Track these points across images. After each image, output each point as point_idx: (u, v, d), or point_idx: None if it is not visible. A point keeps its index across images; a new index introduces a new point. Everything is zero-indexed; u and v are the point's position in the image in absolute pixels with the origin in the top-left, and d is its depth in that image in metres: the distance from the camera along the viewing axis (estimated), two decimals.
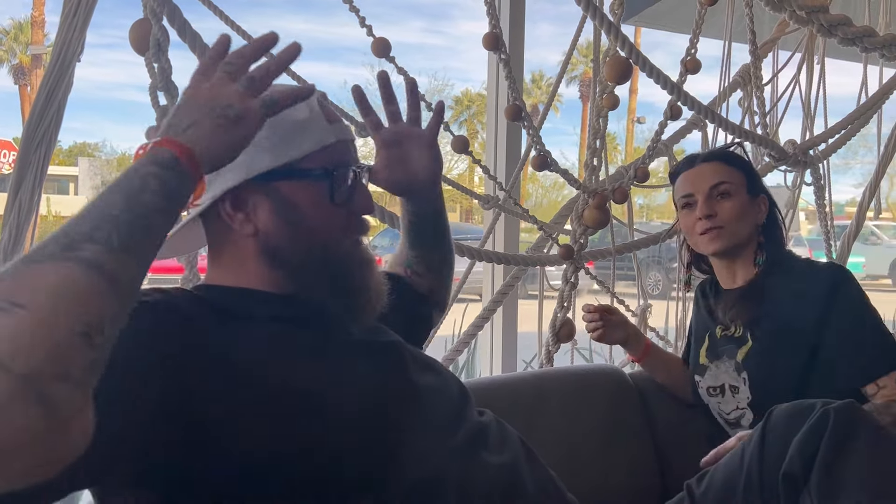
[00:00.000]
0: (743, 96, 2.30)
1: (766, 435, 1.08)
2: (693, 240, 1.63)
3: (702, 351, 1.66)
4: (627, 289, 2.37)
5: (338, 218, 1.00)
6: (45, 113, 1.37)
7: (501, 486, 0.93)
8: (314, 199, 0.98)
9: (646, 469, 1.68)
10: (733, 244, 1.58)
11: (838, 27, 2.04)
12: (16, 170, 1.36)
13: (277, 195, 0.98)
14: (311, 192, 0.98)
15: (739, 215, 1.57)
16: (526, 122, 1.74)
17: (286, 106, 0.87)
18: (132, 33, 1.37)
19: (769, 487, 1.04)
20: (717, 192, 1.58)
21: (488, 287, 2.23)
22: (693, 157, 1.66)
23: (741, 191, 1.59)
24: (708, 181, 1.59)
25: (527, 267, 2.02)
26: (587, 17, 2.01)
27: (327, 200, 0.98)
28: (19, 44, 25.35)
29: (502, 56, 1.70)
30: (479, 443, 0.98)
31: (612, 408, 1.72)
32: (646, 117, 25.63)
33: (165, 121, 0.81)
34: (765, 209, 1.63)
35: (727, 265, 1.63)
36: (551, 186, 22.67)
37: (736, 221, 1.57)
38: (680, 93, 1.82)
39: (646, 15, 3.48)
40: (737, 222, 1.57)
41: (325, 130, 0.99)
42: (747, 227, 1.59)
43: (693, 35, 1.88)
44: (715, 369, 1.61)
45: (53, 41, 1.44)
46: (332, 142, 0.99)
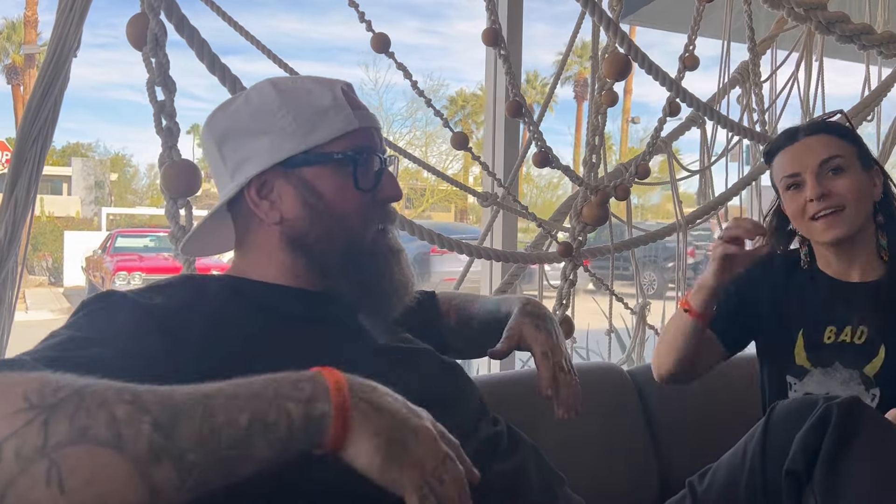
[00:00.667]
0: (742, 93, 2.30)
1: (769, 431, 1.07)
2: (803, 226, 1.41)
3: (798, 351, 1.43)
4: (623, 288, 2.36)
5: (363, 205, 0.99)
6: (42, 109, 1.36)
7: (507, 492, 0.93)
8: (338, 185, 0.98)
9: (645, 466, 1.68)
10: (855, 228, 1.36)
11: (836, 24, 2.04)
12: (12, 166, 1.35)
13: (301, 181, 0.98)
14: (335, 178, 0.98)
15: (858, 193, 1.35)
16: (526, 119, 1.73)
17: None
18: (129, 28, 1.36)
19: (772, 484, 1.04)
20: (829, 167, 1.36)
21: (486, 285, 2.22)
22: (794, 131, 1.44)
23: (855, 164, 1.37)
24: (817, 156, 1.37)
25: (525, 264, 2.01)
26: (585, 16, 2.02)
27: (351, 186, 0.97)
28: (12, 43, 25.24)
29: (501, 52, 1.70)
30: (489, 451, 0.97)
31: (610, 405, 1.72)
32: (640, 118, 25.71)
33: (363, 383, 0.72)
34: (879, 183, 1.41)
35: (844, 252, 1.40)
36: (546, 187, 22.72)
37: (856, 201, 1.35)
38: (678, 89, 1.82)
39: (642, 14, 3.49)
40: (857, 202, 1.35)
41: (349, 116, 0.99)
42: (867, 206, 1.38)
43: (691, 32, 1.87)
44: (821, 377, 1.39)
45: (47, 41, 1.42)
46: (355, 127, 0.99)
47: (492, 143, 2.17)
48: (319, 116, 0.98)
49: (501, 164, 2.13)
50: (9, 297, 1.37)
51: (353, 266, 0.98)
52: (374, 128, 1.02)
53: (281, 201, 0.98)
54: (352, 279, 0.98)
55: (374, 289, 0.99)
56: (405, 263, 1.03)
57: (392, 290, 1.00)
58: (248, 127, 0.99)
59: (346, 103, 1.00)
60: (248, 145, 0.99)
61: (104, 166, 27.11)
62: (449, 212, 25.71)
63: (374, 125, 1.03)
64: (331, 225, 0.98)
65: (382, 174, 1.00)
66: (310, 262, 0.98)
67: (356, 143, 0.99)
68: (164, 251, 13.16)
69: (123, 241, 13.75)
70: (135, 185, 29.12)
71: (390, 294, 1.00)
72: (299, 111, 0.98)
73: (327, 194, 0.98)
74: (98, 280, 12.83)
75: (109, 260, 12.47)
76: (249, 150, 0.99)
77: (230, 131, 1.01)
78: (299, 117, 0.98)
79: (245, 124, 1.00)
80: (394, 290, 1.00)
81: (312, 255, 0.98)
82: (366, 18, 1.63)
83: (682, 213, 2.14)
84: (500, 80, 2.09)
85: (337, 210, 0.98)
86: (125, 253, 12.88)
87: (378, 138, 1.02)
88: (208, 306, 0.90)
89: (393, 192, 1.01)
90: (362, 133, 0.99)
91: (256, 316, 0.93)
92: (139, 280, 11.62)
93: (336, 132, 0.98)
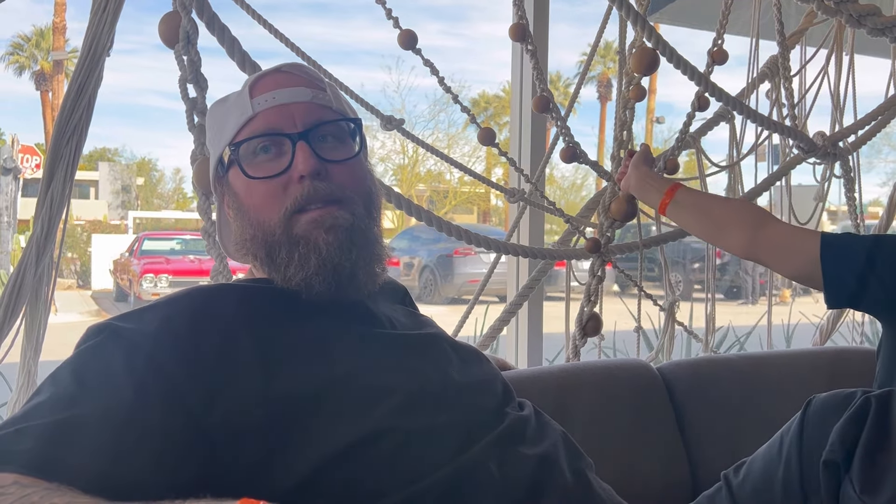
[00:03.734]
0: (771, 88, 2.28)
1: (806, 423, 1.07)
2: None
3: None
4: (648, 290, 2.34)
5: (269, 192, 0.94)
6: (76, 107, 1.38)
7: (538, 476, 0.92)
8: (242, 180, 0.97)
9: (676, 461, 1.66)
10: None
11: (867, 17, 2.02)
12: (47, 164, 1.37)
13: (228, 185, 1.00)
14: (240, 174, 0.96)
15: None
16: (554, 114, 1.73)
17: None
18: (161, 26, 1.37)
19: (809, 476, 1.03)
20: None
21: (512, 283, 2.22)
22: None
23: None
24: None
25: (552, 262, 2.00)
26: (610, 14, 2.01)
27: (246, 178, 0.95)
28: (41, 50, 25.64)
29: (529, 47, 1.70)
30: (517, 437, 0.96)
31: (639, 402, 1.71)
32: (664, 117, 25.53)
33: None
34: None
35: None
36: (569, 188, 22.60)
37: None
38: (707, 84, 1.80)
39: (668, 11, 3.46)
40: None
41: (244, 106, 0.97)
42: None
43: (719, 26, 1.86)
44: None
45: (75, 47, 1.45)
46: (249, 115, 0.96)
47: (518, 140, 2.16)
48: (225, 117, 0.99)
49: (528, 160, 2.13)
50: (44, 293, 1.39)
51: (273, 258, 0.94)
52: (278, 106, 0.96)
53: (230, 208, 1.01)
54: (281, 271, 0.93)
55: (305, 274, 0.92)
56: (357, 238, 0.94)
57: (334, 268, 0.92)
58: (208, 146, 1.06)
59: (247, 93, 0.97)
60: (211, 163, 1.05)
61: (130, 171, 27.45)
62: (471, 213, 25.69)
63: (284, 101, 0.96)
64: (246, 221, 0.96)
65: (294, 151, 0.94)
66: (255, 262, 0.98)
67: (251, 131, 0.96)
68: (189, 254, 13.29)
69: (150, 244, 13.90)
70: (160, 188, 29.43)
71: (334, 271, 0.92)
72: (215, 119, 1.01)
73: (239, 192, 0.97)
74: (125, 283, 12.98)
75: (136, 263, 12.61)
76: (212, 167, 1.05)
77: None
78: (214, 125, 1.01)
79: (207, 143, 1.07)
80: (337, 266, 0.92)
81: (254, 256, 0.97)
82: (392, 16, 1.64)
83: None
84: (527, 77, 2.09)
85: (247, 204, 0.96)
86: (152, 256, 13.01)
87: (295, 113, 0.96)
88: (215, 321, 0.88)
89: (301, 168, 0.93)
90: (260, 117, 0.96)
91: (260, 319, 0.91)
92: (166, 282, 11.75)
93: (234, 128, 0.97)
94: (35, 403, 0.77)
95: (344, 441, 0.82)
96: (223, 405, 0.80)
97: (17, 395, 1.38)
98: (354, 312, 0.97)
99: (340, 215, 0.94)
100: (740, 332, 5.10)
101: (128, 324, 0.85)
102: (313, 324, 0.93)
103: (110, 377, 0.79)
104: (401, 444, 0.84)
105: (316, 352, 0.89)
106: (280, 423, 0.82)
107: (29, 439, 0.72)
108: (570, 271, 2.05)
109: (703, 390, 1.75)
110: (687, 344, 4.04)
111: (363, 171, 1.02)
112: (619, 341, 4.19)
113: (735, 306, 11.28)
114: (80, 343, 0.85)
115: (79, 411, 0.75)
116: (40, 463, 0.69)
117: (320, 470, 0.81)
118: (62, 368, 0.82)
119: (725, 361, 1.89)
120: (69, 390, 0.78)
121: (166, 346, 0.83)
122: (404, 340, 0.99)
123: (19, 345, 1.37)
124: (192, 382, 0.80)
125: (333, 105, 1.01)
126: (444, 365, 0.99)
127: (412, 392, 0.90)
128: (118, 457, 0.73)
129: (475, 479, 0.86)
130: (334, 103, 1.01)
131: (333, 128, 0.99)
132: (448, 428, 0.89)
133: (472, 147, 20.40)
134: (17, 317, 1.34)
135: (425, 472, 0.83)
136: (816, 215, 2.43)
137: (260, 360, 0.85)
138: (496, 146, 1.77)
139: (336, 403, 0.85)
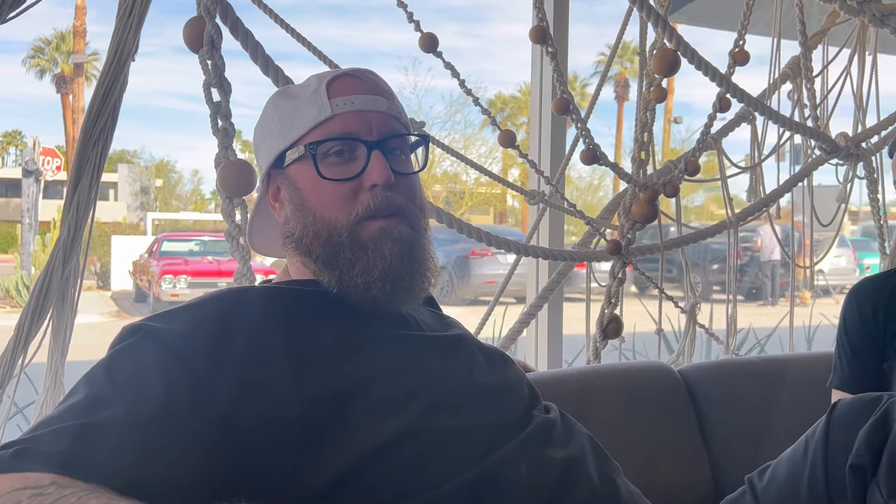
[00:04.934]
0: (793, 89, 2.26)
1: (831, 427, 1.06)
2: None
3: None
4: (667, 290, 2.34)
5: (338, 194, 0.96)
6: (102, 112, 1.39)
7: (565, 479, 0.92)
8: (311, 179, 0.97)
9: (698, 465, 1.66)
10: None
11: (890, 17, 2.00)
12: (73, 167, 1.39)
13: (288, 180, 1.00)
14: (308, 171, 0.97)
15: None
16: (574, 116, 1.73)
17: None
18: (186, 31, 1.38)
19: (835, 480, 1.02)
20: None
21: (532, 285, 2.22)
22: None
23: None
24: None
25: (573, 264, 2.00)
26: (631, 14, 2.01)
27: (319, 177, 0.96)
28: (61, 53, 25.90)
29: (549, 49, 1.70)
30: (544, 439, 0.96)
31: (660, 405, 1.70)
32: (683, 118, 25.40)
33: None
34: None
35: None
36: (586, 189, 22.52)
37: None
38: (729, 85, 1.79)
39: (687, 11, 3.44)
40: None
41: (322, 105, 0.97)
42: None
43: (741, 26, 1.85)
44: None
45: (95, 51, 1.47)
46: (327, 116, 0.97)
47: (538, 142, 2.16)
48: (296, 111, 0.99)
49: (548, 161, 2.13)
50: (71, 295, 1.41)
51: (335, 257, 0.95)
52: (357, 112, 0.97)
53: (283, 201, 1.01)
54: (341, 271, 0.95)
55: (367, 279, 0.94)
56: (416, 254, 0.98)
57: (393, 279, 0.95)
58: (259, 136, 1.05)
59: (324, 93, 0.98)
60: (261, 153, 1.05)
61: (149, 172, 27.65)
62: (488, 214, 25.67)
63: (363, 108, 0.98)
64: (308, 218, 0.97)
65: (369, 159, 0.96)
66: (309, 259, 0.98)
67: (328, 131, 0.97)
68: (208, 255, 13.37)
69: (169, 246, 13.99)
70: (179, 190, 29.64)
71: (393, 282, 0.95)
72: (283, 110, 1.01)
73: (304, 189, 0.98)
74: (145, 283, 13.08)
75: (156, 264, 12.70)
76: (262, 157, 1.05)
77: (255, 141, 1.07)
78: (283, 116, 1.00)
79: (257, 133, 1.06)
80: (396, 280, 0.95)
81: (308, 252, 0.98)
82: (414, 19, 1.64)
83: (732, 211, 2.11)
84: (547, 78, 2.09)
85: (313, 203, 0.97)
86: (171, 257, 13.10)
87: (372, 121, 0.98)
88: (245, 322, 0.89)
89: (376, 177, 0.95)
90: (338, 119, 0.97)
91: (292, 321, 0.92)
92: (184, 283, 11.83)
93: (308, 124, 0.98)
94: (70, 404, 0.78)
95: (372, 442, 0.83)
96: (255, 406, 0.81)
97: (45, 395, 1.39)
98: (385, 315, 0.98)
99: (403, 229, 0.97)
100: (760, 333, 5.06)
101: (161, 324, 0.87)
102: (343, 326, 0.94)
103: (144, 378, 0.80)
104: (428, 445, 0.85)
105: (345, 353, 0.90)
106: (310, 425, 0.82)
107: (65, 439, 0.73)
108: (590, 273, 2.05)
109: (725, 393, 1.74)
110: (707, 346, 4.01)
111: (419, 185, 1.05)
112: (638, 343, 4.17)
113: (755, 307, 11.20)
114: (115, 343, 0.87)
115: (113, 412, 0.76)
116: (77, 463, 0.70)
117: (349, 471, 0.81)
118: (97, 369, 0.83)
119: (747, 364, 1.88)
120: (104, 391, 0.79)
121: (198, 346, 0.84)
122: (431, 342, 1.00)
123: (46, 346, 1.38)
124: (223, 383, 0.81)
125: (402, 118, 1.04)
126: (471, 366, 0.99)
127: (439, 393, 0.90)
128: (152, 457, 0.74)
129: (503, 480, 0.86)
130: (402, 115, 1.04)
131: (401, 140, 1.02)
132: (475, 429, 0.89)
133: (489, 148, 20.41)
134: (44, 318, 1.35)
135: (453, 474, 0.84)
136: (839, 217, 2.41)
137: (290, 361, 0.86)
138: (517, 148, 1.77)
139: (364, 405, 0.85)
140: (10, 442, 0.74)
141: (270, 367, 0.85)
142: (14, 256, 14.14)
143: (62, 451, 0.71)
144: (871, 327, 1.44)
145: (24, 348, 1.33)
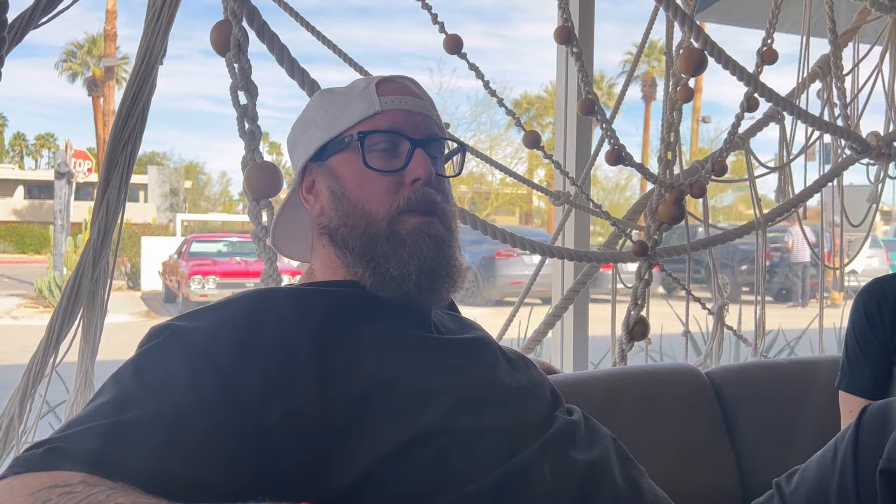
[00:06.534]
0: (822, 87, 2.23)
1: (861, 431, 1.04)
2: None
3: None
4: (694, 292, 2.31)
5: (380, 186, 0.97)
6: (131, 114, 1.41)
7: (589, 481, 0.92)
8: (354, 169, 0.99)
9: (725, 468, 1.64)
10: None
11: None
12: (103, 169, 1.41)
13: (329, 170, 1.01)
14: (354, 162, 0.98)
15: None
16: (599, 116, 1.72)
17: None
18: (213, 34, 1.40)
19: (865, 484, 1.01)
20: None
21: (557, 287, 2.21)
22: None
23: None
24: None
25: (598, 265, 1.99)
26: (657, 13, 1.99)
27: (364, 167, 0.97)
28: (93, 57, 26.34)
29: (574, 49, 1.69)
30: (567, 441, 0.96)
31: (687, 407, 1.68)
32: (711, 117, 25.17)
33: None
34: None
35: None
36: (613, 189, 22.38)
37: None
38: (757, 84, 1.78)
39: (714, 10, 3.41)
40: None
41: (371, 101, 0.99)
42: None
43: (769, 25, 1.83)
44: None
45: (125, 54, 1.49)
46: (376, 110, 0.99)
47: (563, 142, 2.15)
48: (345, 105, 1.01)
49: (573, 162, 2.12)
50: (101, 296, 1.43)
51: (372, 249, 0.96)
52: (405, 110, 1.00)
53: (319, 193, 1.02)
54: (377, 263, 0.96)
55: (402, 271, 0.95)
56: (450, 251, 0.99)
57: (429, 271, 0.96)
58: (299, 129, 1.06)
59: (374, 90, 1.00)
60: (299, 146, 1.06)
61: (178, 174, 28.00)
62: (513, 215, 25.62)
63: (411, 108, 1.00)
64: (348, 209, 0.98)
65: (413, 155, 0.98)
66: (344, 252, 0.99)
67: (376, 125, 0.98)
68: (236, 255, 13.50)
69: (198, 246, 14.14)
70: (207, 192, 29.97)
71: (429, 274, 0.96)
72: (331, 104, 1.02)
73: (346, 179, 0.99)
74: (174, 284, 13.23)
75: (185, 264, 12.84)
76: (300, 150, 1.05)
77: (292, 136, 1.08)
78: (329, 109, 1.02)
79: (298, 127, 1.07)
80: (434, 274, 0.96)
81: (344, 244, 0.99)
82: (438, 21, 1.65)
83: (760, 211, 2.09)
84: (572, 79, 2.08)
85: (354, 193, 0.98)
86: (200, 258, 13.23)
87: (412, 121, 1.00)
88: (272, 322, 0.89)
89: (420, 171, 0.97)
90: (386, 115, 0.99)
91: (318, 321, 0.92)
92: (213, 284, 11.95)
93: (357, 117, 0.99)
94: (99, 403, 0.80)
95: (397, 441, 0.83)
96: (281, 405, 0.82)
97: (75, 395, 1.42)
98: (408, 317, 0.99)
99: (439, 228, 0.99)
100: (790, 335, 4.99)
101: (188, 324, 0.88)
102: (368, 326, 0.94)
103: (171, 377, 0.81)
104: (452, 444, 0.85)
105: (370, 354, 0.91)
106: (334, 424, 0.83)
107: (94, 438, 0.74)
108: (616, 274, 2.04)
109: (752, 396, 1.72)
110: (735, 348, 3.96)
111: (451, 191, 1.07)
112: (665, 345, 4.13)
113: (784, 309, 11.05)
114: (143, 343, 0.88)
115: (141, 412, 0.77)
116: (106, 462, 0.71)
117: (373, 470, 0.82)
118: (125, 369, 0.84)
119: (775, 366, 1.86)
120: (132, 391, 0.80)
121: (225, 346, 0.85)
122: (453, 344, 1.00)
123: (76, 346, 1.41)
124: (250, 382, 0.82)
125: (441, 126, 1.07)
126: (493, 367, 0.99)
127: (463, 393, 0.91)
128: (179, 456, 0.75)
129: (526, 482, 0.86)
130: (441, 127, 1.07)
131: (441, 146, 1.05)
132: (497, 430, 0.89)
133: (515, 148, 20.37)
134: (74, 319, 1.38)
135: (476, 474, 0.84)
136: (870, 217, 2.38)
137: (317, 361, 0.86)
138: (541, 149, 1.77)
139: (387, 405, 0.86)
140: (41, 441, 0.75)
141: (296, 367, 0.85)
142: (47, 257, 14.39)
143: (91, 451, 0.73)
144: (877, 328, 1.43)
145: (55, 348, 1.36)
